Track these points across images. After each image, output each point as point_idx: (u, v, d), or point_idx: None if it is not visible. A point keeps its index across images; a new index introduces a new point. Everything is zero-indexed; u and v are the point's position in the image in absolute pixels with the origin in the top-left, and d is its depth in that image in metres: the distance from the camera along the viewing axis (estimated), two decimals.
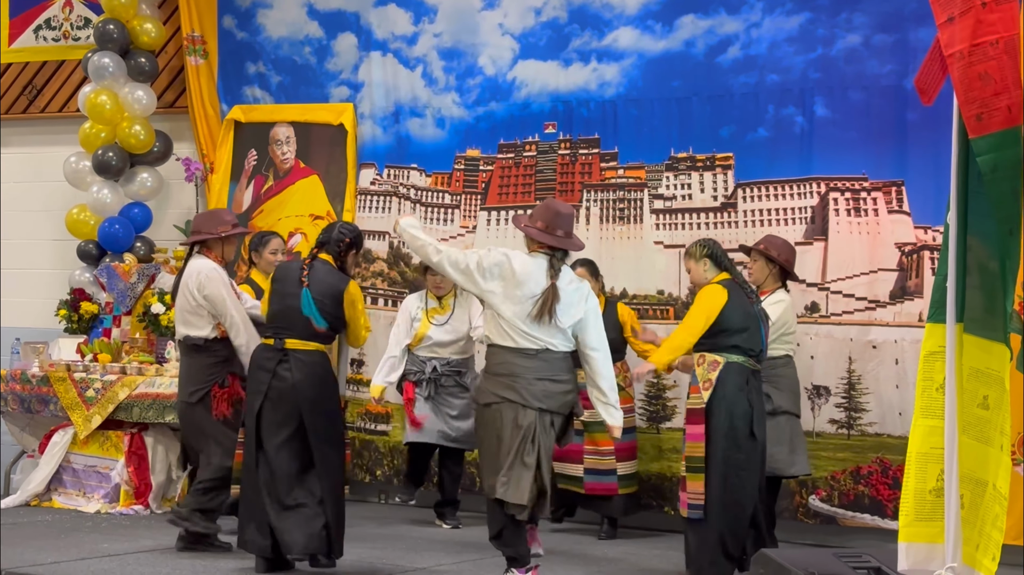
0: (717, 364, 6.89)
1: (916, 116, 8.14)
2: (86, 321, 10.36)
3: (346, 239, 7.21)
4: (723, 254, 7.19)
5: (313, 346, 7.06)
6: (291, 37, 10.68)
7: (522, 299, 6.49)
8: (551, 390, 6.52)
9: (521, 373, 6.48)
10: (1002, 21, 4.17)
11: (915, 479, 4.70)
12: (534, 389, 6.47)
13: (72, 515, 9.03)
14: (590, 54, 9.52)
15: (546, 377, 6.51)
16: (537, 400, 6.47)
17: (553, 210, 6.71)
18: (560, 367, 6.56)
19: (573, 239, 6.73)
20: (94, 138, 10.68)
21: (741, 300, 6.98)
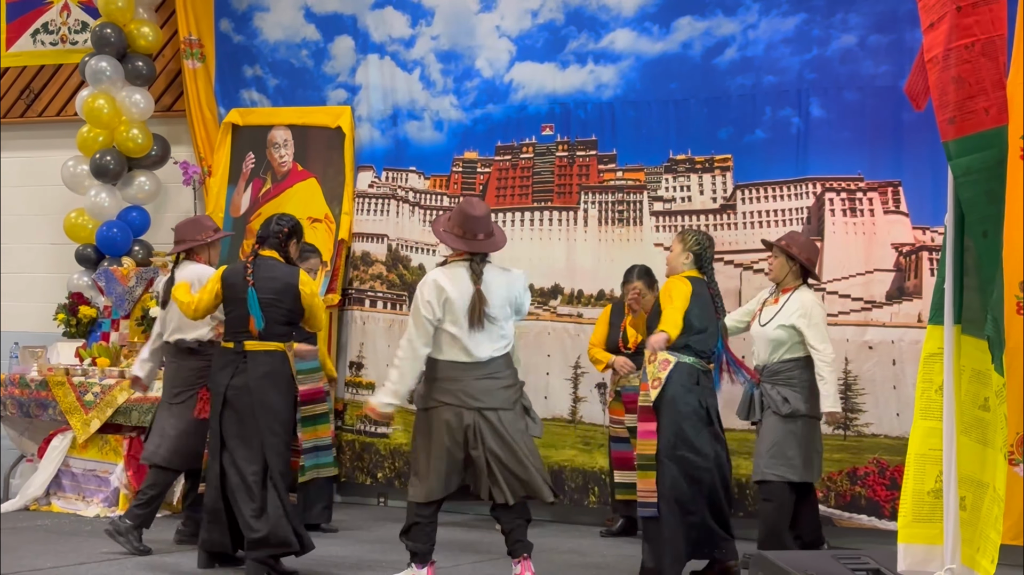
0: (668, 363, 6.90)
1: (912, 116, 8.07)
2: (84, 325, 10.37)
3: (284, 230, 7.25)
4: (710, 259, 7.23)
5: (272, 346, 7.11)
6: (288, 40, 10.69)
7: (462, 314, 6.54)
8: (490, 387, 6.57)
9: (462, 378, 6.56)
10: (979, 24, 4.17)
11: (914, 480, 4.71)
12: (471, 390, 6.54)
13: (71, 519, 9.03)
14: (587, 56, 9.53)
15: (485, 376, 6.57)
16: (475, 400, 6.53)
17: (466, 214, 6.65)
18: (499, 365, 6.63)
19: (493, 239, 6.71)
20: (92, 142, 10.69)
21: (704, 303, 7.02)
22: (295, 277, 7.15)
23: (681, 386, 6.86)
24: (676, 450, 6.84)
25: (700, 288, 7.07)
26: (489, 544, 8.16)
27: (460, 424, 6.53)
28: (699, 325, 6.96)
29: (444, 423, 6.55)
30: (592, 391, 9.24)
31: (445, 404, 6.56)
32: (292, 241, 7.30)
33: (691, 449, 6.85)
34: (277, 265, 7.19)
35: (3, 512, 9.26)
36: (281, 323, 7.14)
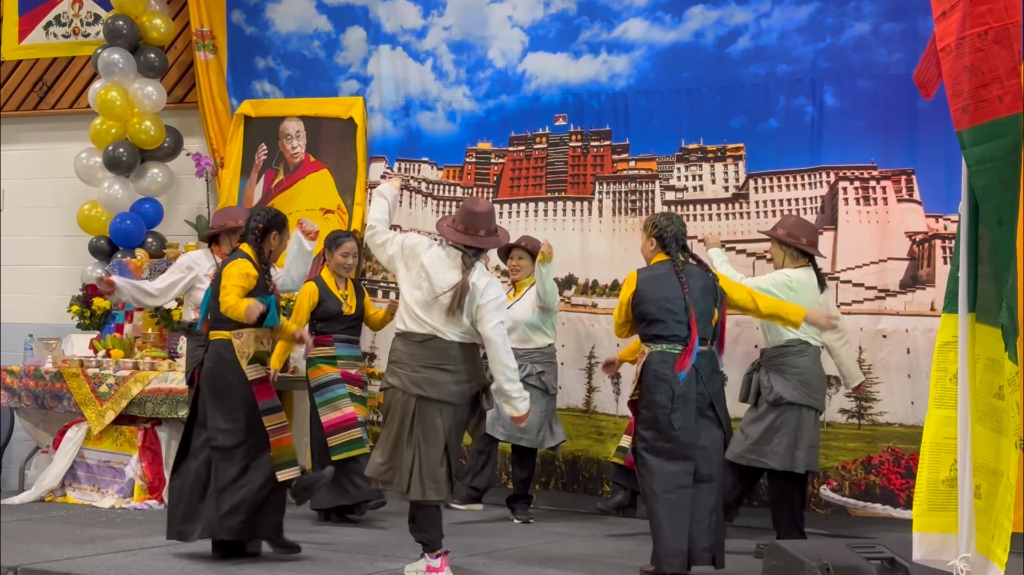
0: (643, 356, 6.88)
1: (926, 104, 7.98)
2: (98, 317, 10.38)
3: (260, 225, 7.21)
4: (674, 237, 6.94)
5: (218, 335, 7.14)
6: (300, 31, 10.69)
7: (423, 285, 6.62)
8: (435, 379, 6.57)
9: (406, 360, 6.61)
10: (992, 12, 4.15)
11: (928, 469, 4.70)
12: (416, 377, 6.56)
13: (87, 510, 9.05)
14: (600, 46, 9.52)
15: (432, 365, 6.58)
16: (417, 387, 6.55)
17: (468, 211, 6.75)
18: (449, 356, 6.60)
19: (495, 236, 6.82)
20: (104, 134, 10.70)
21: (662, 287, 6.81)
22: (224, 266, 7.15)
23: (652, 375, 6.76)
24: (654, 442, 6.76)
25: (654, 273, 6.90)
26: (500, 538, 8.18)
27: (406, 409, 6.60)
28: (657, 314, 6.79)
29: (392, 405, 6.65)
30: (606, 381, 9.24)
31: (392, 387, 6.66)
32: (271, 234, 7.23)
33: (667, 440, 6.73)
34: (236, 255, 7.21)
35: (19, 504, 9.29)
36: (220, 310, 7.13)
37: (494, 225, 6.84)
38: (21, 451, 10.49)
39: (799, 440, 7.37)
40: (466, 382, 6.64)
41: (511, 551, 7.62)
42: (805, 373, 7.43)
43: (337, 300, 8.58)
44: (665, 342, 6.78)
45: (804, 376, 7.43)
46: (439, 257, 6.68)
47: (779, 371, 7.40)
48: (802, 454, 7.37)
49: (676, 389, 6.71)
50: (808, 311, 7.14)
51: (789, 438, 7.34)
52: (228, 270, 7.09)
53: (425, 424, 6.56)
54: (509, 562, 7.25)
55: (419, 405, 6.56)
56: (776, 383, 7.37)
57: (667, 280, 6.82)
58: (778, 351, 7.43)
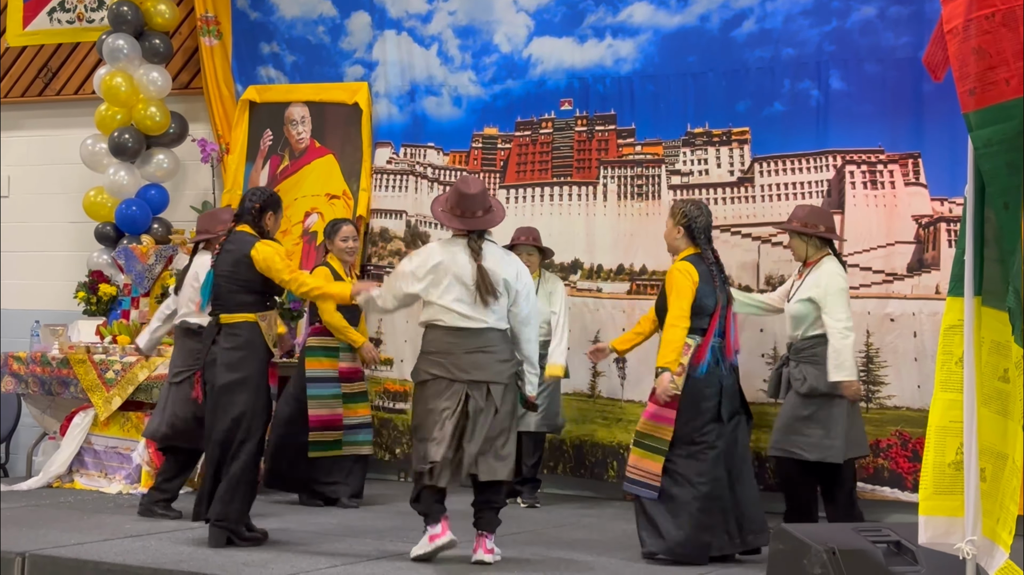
0: (689, 348, 6.89)
1: (932, 87, 8.03)
2: (105, 303, 10.39)
3: (256, 205, 7.31)
4: (703, 229, 7.08)
5: (240, 317, 7.18)
6: (305, 16, 10.67)
7: (449, 284, 6.65)
8: (481, 361, 6.64)
9: (451, 350, 6.65)
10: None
11: (934, 453, 4.69)
12: (462, 362, 6.62)
13: (94, 496, 9.07)
14: (605, 30, 9.50)
15: (476, 349, 6.65)
16: (465, 373, 6.62)
17: (460, 193, 6.75)
18: (491, 339, 6.68)
19: (490, 215, 6.80)
20: (110, 120, 10.70)
21: (705, 281, 6.96)
22: (249, 246, 7.17)
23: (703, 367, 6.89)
24: (699, 434, 6.86)
25: (701, 268, 7.01)
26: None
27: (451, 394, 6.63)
28: (710, 306, 6.95)
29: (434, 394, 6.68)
30: (611, 366, 9.23)
31: (436, 377, 6.68)
32: (267, 214, 7.33)
33: (713, 432, 6.87)
34: (245, 237, 7.25)
35: (26, 489, 9.31)
36: (243, 293, 7.19)
37: (489, 203, 6.84)
38: (28, 437, 10.51)
39: (832, 430, 7.33)
40: (508, 361, 6.73)
41: (518, 536, 7.61)
42: None
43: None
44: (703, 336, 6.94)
45: None
46: (445, 251, 6.74)
47: (811, 362, 7.38)
48: (837, 443, 7.32)
49: (724, 382, 6.82)
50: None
51: (822, 429, 7.32)
52: (265, 254, 7.11)
53: (481, 406, 6.63)
54: (517, 546, 7.25)
55: (470, 389, 6.62)
56: (809, 374, 7.35)
57: (707, 276, 6.99)
58: (808, 343, 7.43)
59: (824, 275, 7.43)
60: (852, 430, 7.43)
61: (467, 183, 6.83)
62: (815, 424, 7.32)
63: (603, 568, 6.82)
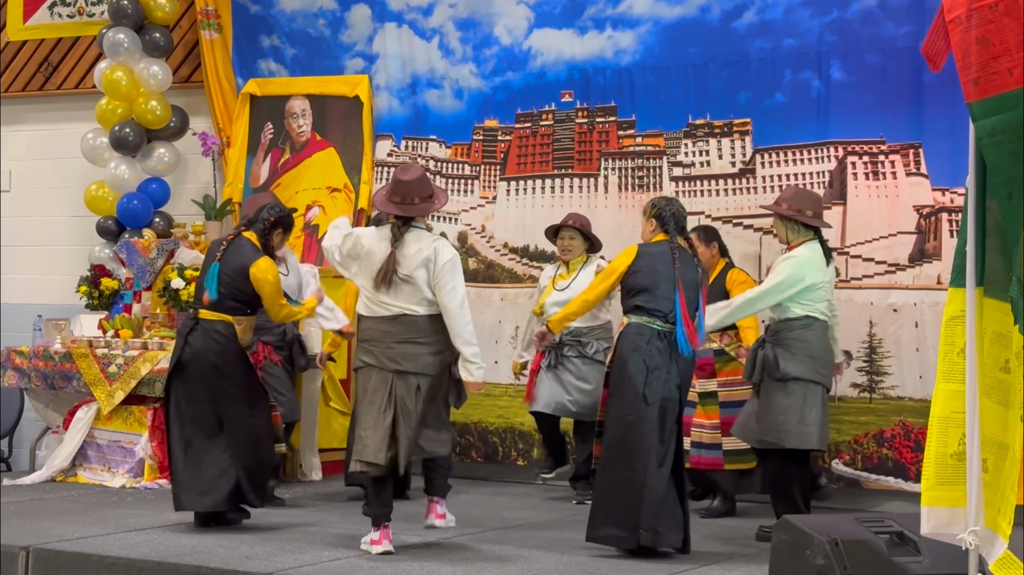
0: (621, 326, 6.90)
1: (933, 78, 7.98)
2: (107, 297, 10.40)
3: (270, 219, 7.52)
4: (672, 216, 6.98)
5: (218, 316, 7.41)
6: (305, 9, 10.66)
7: (366, 269, 6.76)
8: (410, 352, 6.69)
9: (382, 338, 6.71)
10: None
11: (937, 443, 4.69)
12: (391, 352, 6.68)
13: (97, 490, 9.07)
14: (605, 21, 9.49)
15: (407, 339, 6.69)
16: (394, 363, 6.68)
17: (396, 179, 6.83)
18: (422, 329, 6.72)
19: (430, 202, 6.86)
20: (111, 114, 10.70)
21: (656, 262, 6.87)
22: (251, 261, 7.37)
23: (628, 346, 6.79)
24: (619, 414, 6.78)
25: (654, 249, 6.94)
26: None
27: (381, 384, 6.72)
28: (646, 283, 6.84)
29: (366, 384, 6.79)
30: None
31: (368, 366, 6.78)
32: (277, 231, 7.57)
33: (633, 413, 6.75)
34: (249, 246, 7.45)
35: (30, 483, 9.32)
36: (234, 299, 7.42)
37: (429, 191, 6.87)
38: (31, 431, 10.52)
39: (807, 416, 7.07)
40: (440, 352, 6.77)
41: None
42: (813, 348, 7.13)
43: None
44: (646, 315, 6.83)
45: (812, 351, 7.13)
46: (376, 237, 6.84)
47: (785, 346, 7.10)
48: (812, 430, 7.08)
49: (649, 363, 6.75)
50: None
51: (797, 415, 7.06)
52: (265, 275, 7.36)
53: (406, 396, 6.69)
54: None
55: (396, 379, 6.70)
56: (782, 358, 7.07)
57: (662, 257, 6.89)
58: (784, 325, 7.16)
59: (784, 256, 7.23)
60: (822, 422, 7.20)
61: (405, 170, 6.88)
62: (790, 410, 7.06)
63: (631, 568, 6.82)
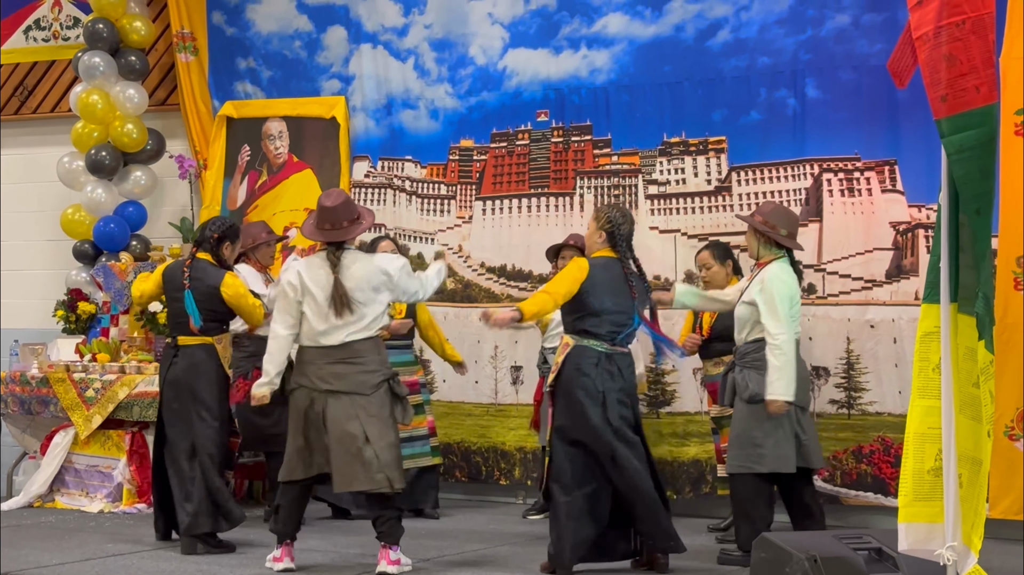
0: (566, 347, 6.85)
1: (907, 95, 7.99)
2: (84, 321, 10.36)
3: (215, 235, 7.70)
4: (625, 237, 6.96)
5: (199, 340, 7.61)
6: (281, 32, 10.67)
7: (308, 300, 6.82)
8: (342, 372, 6.77)
9: (314, 360, 6.82)
10: (969, 2, 4.18)
11: (913, 459, 4.72)
12: (322, 372, 6.78)
13: (75, 515, 9.04)
14: (580, 41, 9.51)
15: (339, 360, 6.79)
16: (325, 383, 6.77)
17: (321, 206, 6.93)
18: (356, 350, 6.81)
19: (357, 224, 6.93)
20: (87, 138, 10.68)
21: (606, 283, 6.82)
22: (219, 280, 7.59)
23: (576, 369, 6.74)
24: (568, 434, 6.74)
25: (605, 269, 6.88)
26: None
27: (313, 406, 6.80)
28: (597, 307, 6.77)
29: (300, 405, 6.85)
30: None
31: (301, 386, 6.85)
32: (225, 244, 7.74)
33: (581, 434, 6.72)
34: (208, 267, 7.65)
35: (7, 510, 9.27)
36: (211, 320, 7.62)
37: (355, 213, 6.98)
38: (9, 457, 10.46)
39: (782, 437, 6.91)
40: (373, 372, 6.83)
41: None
42: None
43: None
44: (593, 338, 6.80)
45: None
46: (312, 266, 6.90)
47: (754, 367, 6.97)
48: (787, 452, 6.93)
49: (599, 385, 6.73)
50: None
51: (772, 437, 6.91)
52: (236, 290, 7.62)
53: (338, 417, 6.73)
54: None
55: (329, 399, 6.76)
56: (751, 380, 6.95)
57: (617, 281, 6.87)
58: (751, 347, 7.03)
59: (767, 279, 7.00)
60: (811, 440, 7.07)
61: (328, 196, 6.99)
62: (764, 433, 6.91)
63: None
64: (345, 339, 6.77)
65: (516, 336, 9.33)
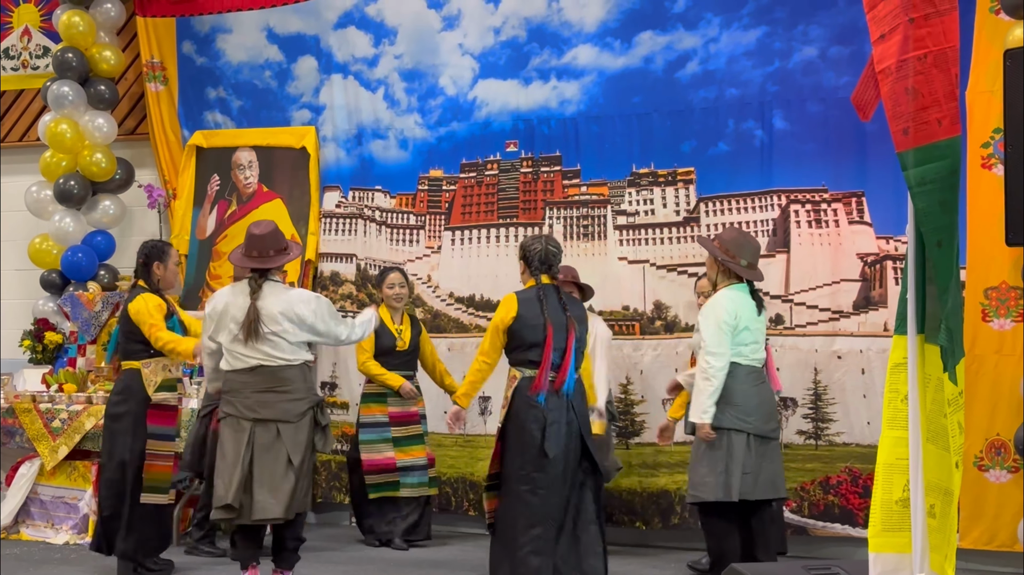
0: (514, 380, 6.87)
1: (874, 127, 8.03)
2: (51, 351, 10.31)
3: (140, 260, 7.78)
4: (536, 255, 7.00)
5: (127, 364, 7.69)
6: (251, 61, 10.67)
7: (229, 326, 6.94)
8: (269, 400, 6.87)
9: (240, 389, 6.91)
10: (931, 36, 4.21)
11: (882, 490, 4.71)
12: (249, 402, 6.87)
13: (41, 547, 8.96)
14: (550, 72, 9.55)
15: (266, 388, 6.88)
16: (252, 411, 6.86)
17: (249, 234, 7.09)
18: (282, 378, 6.91)
19: (284, 254, 7.08)
20: (55, 167, 10.64)
21: (533, 312, 6.89)
22: (128, 303, 7.66)
23: (524, 401, 6.79)
24: (521, 470, 6.75)
25: (528, 296, 6.96)
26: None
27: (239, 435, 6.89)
28: (532, 338, 6.85)
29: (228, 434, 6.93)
30: None
31: (228, 415, 6.95)
32: (154, 264, 7.76)
33: (534, 468, 6.74)
34: (135, 291, 7.71)
35: None
36: (131, 342, 7.66)
37: (283, 244, 7.12)
38: None
39: (731, 466, 6.81)
40: (299, 400, 6.93)
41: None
42: (733, 394, 6.85)
43: (391, 335, 8.77)
44: (537, 368, 6.81)
45: (732, 398, 6.85)
46: (231, 292, 7.07)
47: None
48: (733, 481, 6.80)
49: (548, 416, 6.72)
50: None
51: (721, 465, 6.80)
52: (137, 307, 7.58)
53: (264, 444, 6.83)
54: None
55: (256, 427, 6.84)
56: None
57: (535, 304, 6.94)
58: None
59: (706, 306, 7.00)
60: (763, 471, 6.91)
61: (258, 225, 7.14)
62: (709, 461, 6.85)
63: None
64: (259, 363, 6.88)
65: None
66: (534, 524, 6.71)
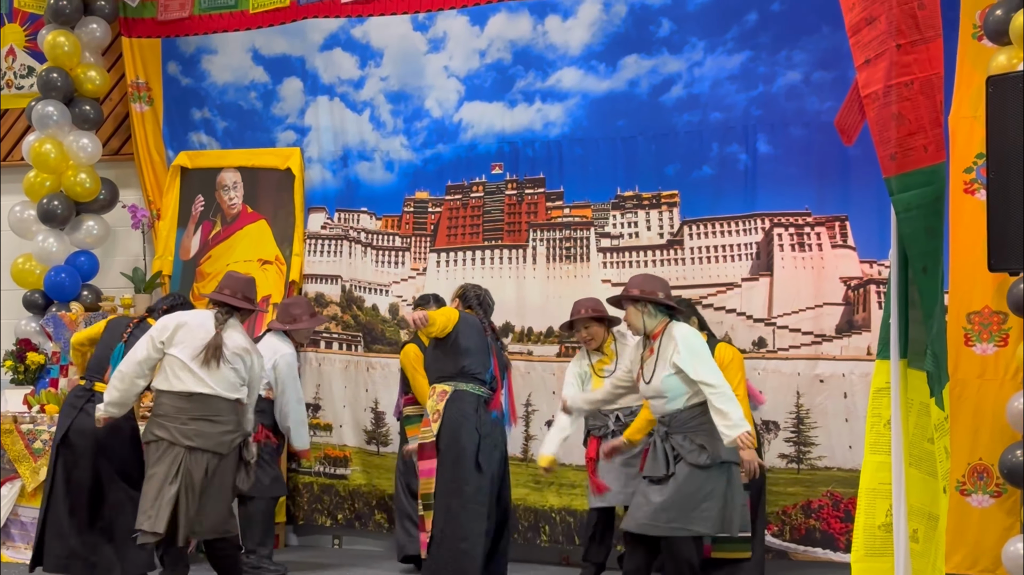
0: (445, 394, 6.91)
1: (858, 151, 8.02)
2: (33, 372, 10.26)
3: (164, 308, 7.94)
4: (477, 298, 7.54)
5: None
6: (236, 82, 10.67)
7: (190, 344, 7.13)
8: (204, 430, 7.00)
9: (177, 415, 7.03)
10: (917, 63, 4.24)
11: (865, 515, 4.73)
12: (186, 429, 6.99)
13: (21, 569, 8.90)
14: (535, 95, 9.57)
15: (201, 417, 7.02)
16: (187, 439, 6.97)
17: (227, 275, 7.52)
18: (218, 409, 7.07)
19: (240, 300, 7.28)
20: (39, 187, 10.62)
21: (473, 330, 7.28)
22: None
23: (458, 413, 6.92)
24: (456, 483, 6.84)
25: (470, 319, 7.36)
26: None
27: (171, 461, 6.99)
28: (466, 344, 7.13)
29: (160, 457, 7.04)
30: (543, 429, 9.21)
31: (161, 439, 7.04)
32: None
33: (469, 483, 6.86)
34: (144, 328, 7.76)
35: None
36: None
37: (253, 296, 7.42)
38: None
39: (734, 499, 6.82)
40: (232, 432, 7.10)
41: None
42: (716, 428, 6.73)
43: None
44: (472, 381, 6.97)
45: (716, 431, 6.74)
46: (198, 315, 7.32)
47: (705, 431, 6.74)
48: (735, 516, 6.82)
49: (481, 430, 6.82)
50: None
51: (722, 499, 6.78)
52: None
53: (194, 472, 6.96)
54: None
55: (187, 455, 6.96)
56: (708, 444, 6.73)
57: (478, 327, 7.33)
58: (694, 412, 6.79)
59: (680, 340, 6.80)
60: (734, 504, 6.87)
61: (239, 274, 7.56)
62: (713, 496, 6.74)
63: None
64: (199, 391, 7.02)
65: None
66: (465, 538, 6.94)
